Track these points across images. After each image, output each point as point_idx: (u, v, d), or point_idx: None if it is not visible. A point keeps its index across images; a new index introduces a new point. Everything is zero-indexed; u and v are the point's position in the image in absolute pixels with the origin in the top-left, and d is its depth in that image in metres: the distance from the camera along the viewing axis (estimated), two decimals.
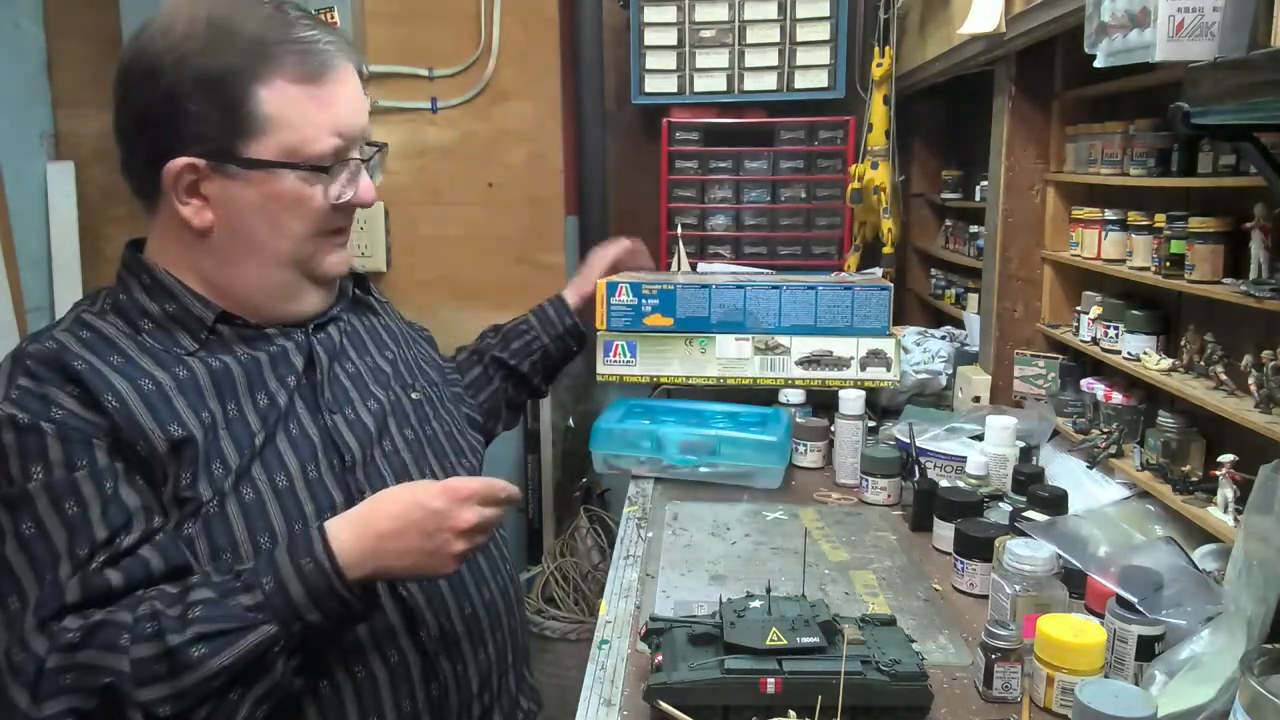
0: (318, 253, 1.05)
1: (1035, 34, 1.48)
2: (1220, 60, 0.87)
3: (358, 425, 1.06)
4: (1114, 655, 0.92)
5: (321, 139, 1.00)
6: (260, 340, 1.04)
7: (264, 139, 0.98)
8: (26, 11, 2.29)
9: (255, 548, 0.94)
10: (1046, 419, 1.52)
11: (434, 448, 1.14)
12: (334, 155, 1.02)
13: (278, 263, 1.03)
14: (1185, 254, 1.22)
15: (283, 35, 0.99)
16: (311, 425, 1.03)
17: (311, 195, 1.01)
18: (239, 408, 0.99)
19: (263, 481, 0.97)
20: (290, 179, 1.00)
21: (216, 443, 0.96)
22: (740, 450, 1.51)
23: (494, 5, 2.31)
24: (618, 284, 1.71)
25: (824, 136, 2.39)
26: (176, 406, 0.95)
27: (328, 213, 1.03)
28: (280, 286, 1.05)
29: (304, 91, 0.99)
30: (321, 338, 1.09)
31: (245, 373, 1.01)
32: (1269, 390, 1.06)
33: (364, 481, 1.03)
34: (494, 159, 2.38)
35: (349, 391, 1.09)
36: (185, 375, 0.97)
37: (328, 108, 1.00)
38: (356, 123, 1.04)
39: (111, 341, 0.98)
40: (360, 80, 1.07)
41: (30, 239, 2.27)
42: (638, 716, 0.90)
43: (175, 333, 1.01)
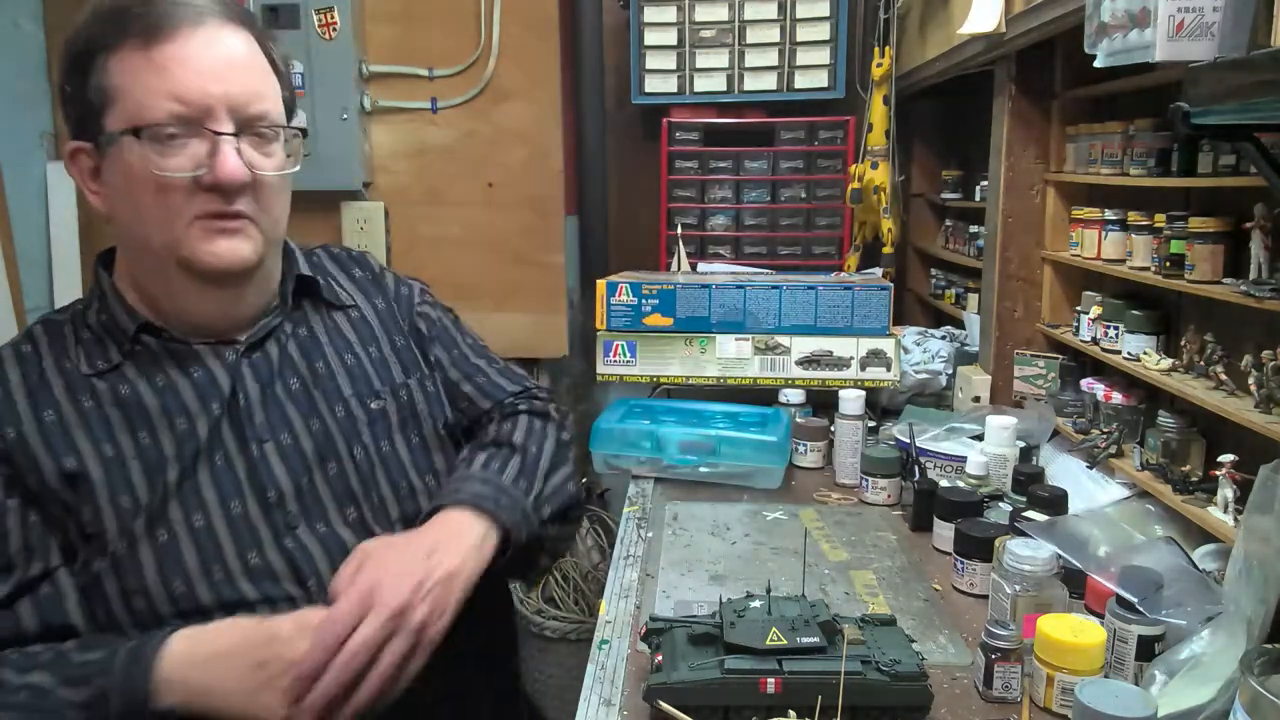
0: (188, 240, 0.94)
1: (1035, 34, 1.48)
2: (1220, 60, 0.87)
3: (292, 453, 1.00)
4: (1114, 655, 0.92)
5: (155, 104, 0.90)
6: (188, 359, 0.99)
7: (112, 111, 0.92)
8: (26, 11, 2.29)
9: (168, 592, 0.91)
10: (1046, 419, 1.52)
11: (390, 467, 1.05)
12: (175, 122, 0.91)
13: (153, 251, 0.96)
14: (1185, 254, 1.22)
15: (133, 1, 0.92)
16: (238, 456, 0.97)
17: (148, 167, 0.91)
18: (152, 436, 0.95)
19: (178, 521, 0.93)
20: (134, 151, 0.91)
21: (123, 476, 0.93)
22: (740, 450, 1.51)
23: (494, 5, 2.31)
24: (618, 284, 1.71)
25: (824, 136, 2.39)
26: (74, 438, 0.93)
27: (176, 187, 0.92)
28: (168, 283, 0.98)
29: (142, 56, 0.91)
30: (256, 358, 1.02)
31: (160, 398, 0.96)
32: (1269, 390, 1.06)
33: (297, 515, 0.98)
34: (494, 159, 2.38)
35: (287, 412, 1.02)
36: (90, 405, 0.95)
37: (162, 70, 0.91)
38: (206, 88, 0.92)
39: (39, 359, 0.98)
40: (254, 50, 0.97)
41: (30, 239, 2.27)
42: (638, 716, 0.90)
43: (106, 343, 0.98)
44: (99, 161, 0.96)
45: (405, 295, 1.20)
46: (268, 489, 0.97)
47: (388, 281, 1.20)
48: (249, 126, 0.95)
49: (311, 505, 0.99)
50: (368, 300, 1.16)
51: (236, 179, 0.93)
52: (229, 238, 0.95)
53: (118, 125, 0.92)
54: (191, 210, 0.93)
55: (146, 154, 0.91)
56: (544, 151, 2.37)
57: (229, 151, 0.92)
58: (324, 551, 0.98)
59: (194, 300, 0.99)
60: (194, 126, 0.92)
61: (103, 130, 0.93)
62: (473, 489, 1.01)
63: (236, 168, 0.92)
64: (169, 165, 0.91)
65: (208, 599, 0.92)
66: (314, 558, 0.97)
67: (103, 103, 0.93)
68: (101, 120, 0.93)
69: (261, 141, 0.97)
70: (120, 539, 0.91)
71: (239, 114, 0.94)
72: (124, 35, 0.92)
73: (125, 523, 0.92)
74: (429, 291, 1.25)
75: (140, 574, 0.91)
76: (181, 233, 0.94)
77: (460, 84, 2.36)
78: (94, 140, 0.95)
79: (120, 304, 0.99)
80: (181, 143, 0.92)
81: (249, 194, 0.96)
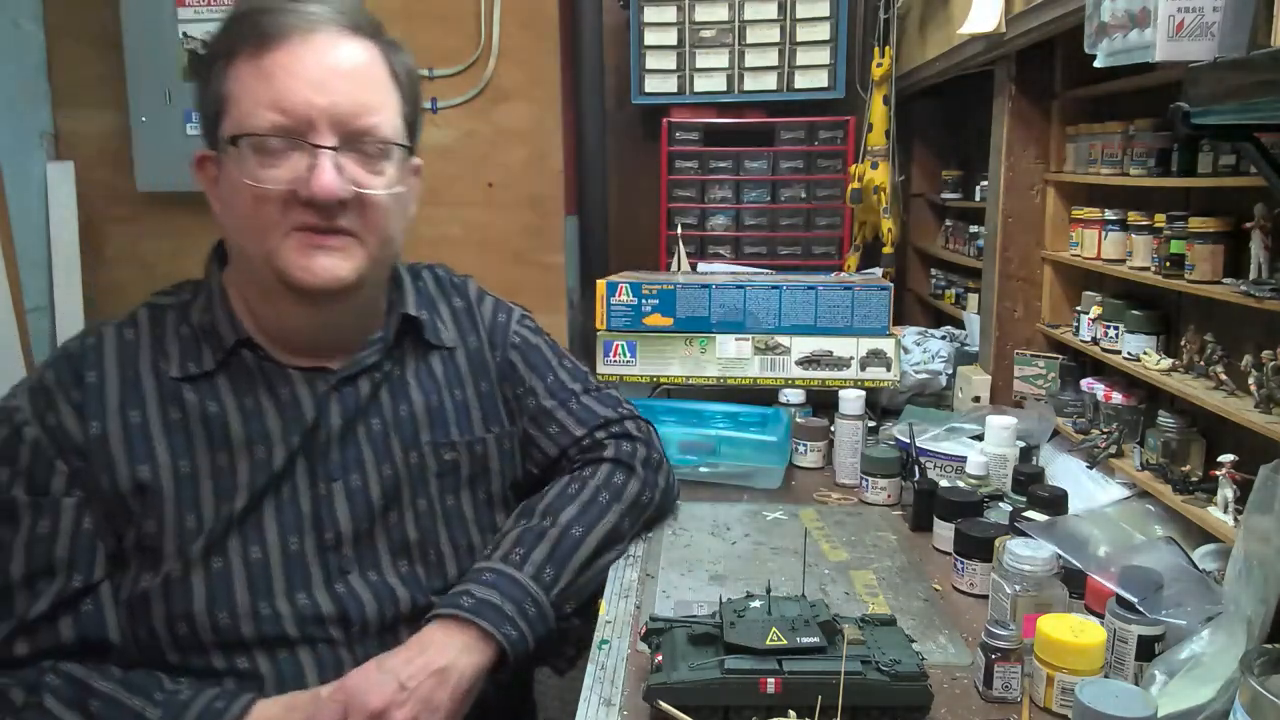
0: (284, 250, 0.91)
1: (1035, 34, 1.48)
2: (1220, 60, 0.87)
3: (359, 497, 0.98)
4: (1114, 655, 0.92)
5: (258, 113, 0.89)
6: (278, 381, 0.97)
7: (224, 119, 0.92)
8: (26, 11, 2.29)
9: (213, 622, 0.90)
10: (1046, 419, 1.52)
11: (451, 522, 1.03)
12: (277, 132, 0.89)
13: (253, 259, 0.94)
14: (1185, 254, 1.22)
15: (256, 6, 0.91)
16: (306, 492, 0.96)
17: (244, 177, 0.89)
18: (230, 460, 0.93)
19: (236, 551, 0.92)
20: (237, 160, 0.90)
21: (193, 495, 0.92)
22: (740, 450, 1.51)
23: (494, 5, 2.31)
24: (618, 284, 1.71)
25: (824, 136, 2.39)
26: (155, 447, 0.92)
27: (272, 198, 0.90)
28: (265, 295, 0.96)
29: (252, 64, 0.90)
30: (345, 392, 1.00)
31: (245, 423, 0.94)
32: (1269, 390, 1.06)
33: (351, 560, 0.97)
34: (494, 159, 2.38)
35: (362, 454, 0.99)
36: (177, 417, 0.93)
37: (268, 79, 0.89)
38: (309, 98, 0.89)
39: (137, 350, 0.96)
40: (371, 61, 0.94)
41: (30, 239, 2.27)
42: (638, 716, 0.90)
43: (202, 346, 0.96)
44: (218, 170, 0.95)
45: (502, 323, 1.16)
46: (326, 529, 0.96)
47: (485, 310, 1.16)
48: (353, 141, 0.91)
49: (366, 552, 0.98)
50: (462, 338, 1.12)
51: (331, 196, 0.89)
52: (327, 254, 0.91)
53: (227, 133, 0.91)
54: (289, 222, 0.90)
55: (247, 163, 0.89)
56: (544, 151, 2.37)
57: (327, 166, 0.89)
58: (374, 598, 0.97)
59: (289, 315, 0.97)
60: (295, 138, 0.89)
61: (217, 138, 0.92)
62: (480, 594, 0.96)
63: (332, 183, 0.89)
64: (266, 176, 0.89)
65: (250, 634, 0.92)
66: (363, 604, 0.96)
67: (218, 110, 0.92)
68: (217, 128, 0.92)
69: (368, 158, 0.93)
70: (176, 560, 0.90)
71: (343, 128, 0.90)
72: (240, 43, 0.90)
73: (184, 544, 0.90)
74: (529, 318, 1.20)
75: (189, 600, 0.90)
76: (277, 244, 0.91)
77: (460, 84, 2.36)
78: (214, 148, 0.94)
79: (224, 310, 0.97)
80: (282, 154, 0.89)
81: (353, 211, 0.92)
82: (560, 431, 1.14)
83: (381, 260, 0.99)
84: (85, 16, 2.32)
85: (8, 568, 0.88)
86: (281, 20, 0.90)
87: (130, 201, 2.37)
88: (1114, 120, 1.46)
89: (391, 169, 0.95)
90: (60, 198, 2.33)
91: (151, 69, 2.22)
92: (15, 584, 0.87)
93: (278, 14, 0.91)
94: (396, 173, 0.96)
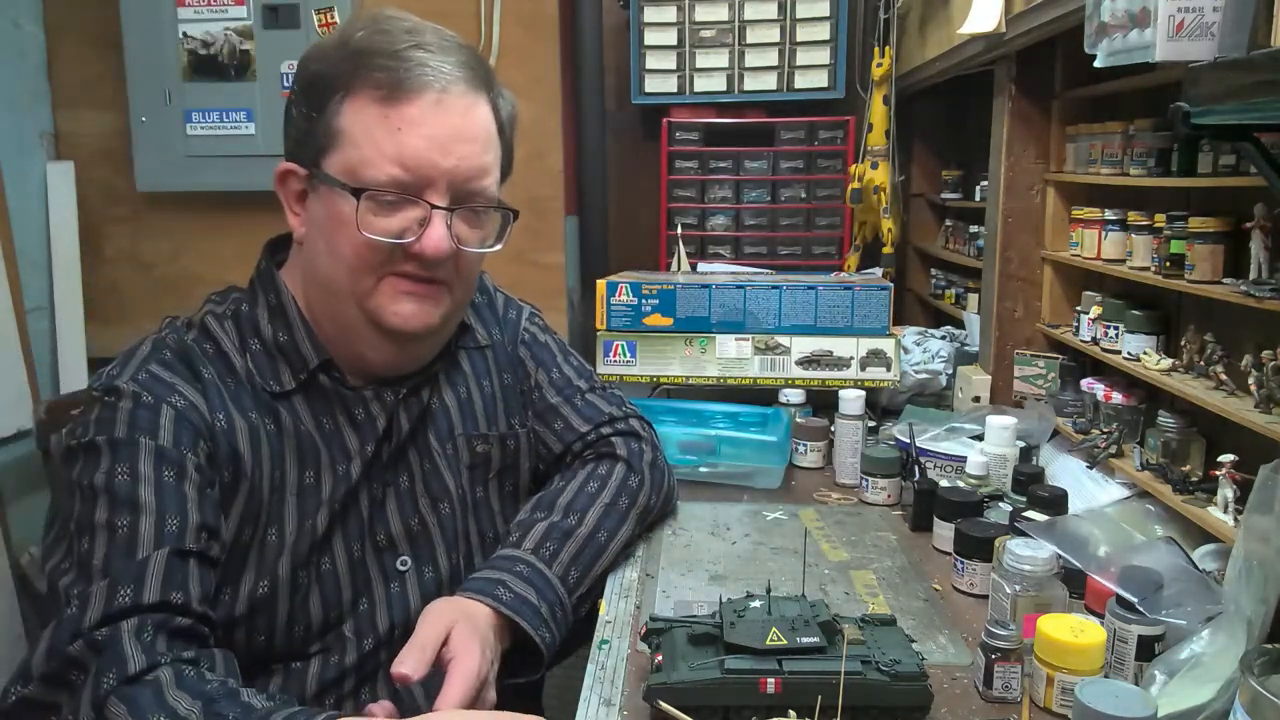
0: (377, 294, 0.94)
1: (1035, 34, 1.48)
2: (1220, 60, 0.87)
3: (406, 496, 1.01)
4: (1114, 655, 0.92)
5: (378, 164, 0.90)
6: (354, 403, 0.98)
7: (335, 154, 0.92)
8: (26, 11, 2.29)
9: (290, 635, 0.91)
10: (1046, 419, 1.52)
11: (480, 514, 1.06)
12: (396, 187, 0.90)
13: (338, 293, 0.95)
14: (1185, 254, 1.22)
15: (383, 48, 0.90)
16: (365, 498, 0.98)
17: (354, 221, 0.90)
18: (316, 478, 0.95)
19: (314, 565, 0.94)
20: (348, 201, 0.90)
21: (279, 508, 0.93)
22: (740, 450, 1.51)
23: (494, 5, 2.31)
24: (618, 284, 1.71)
25: (824, 136, 2.39)
26: (261, 453, 0.92)
27: (379, 248, 0.92)
28: (347, 326, 0.97)
29: (378, 111, 0.90)
30: (412, 403, 1.02)
31: (328, 443, 0.96)
32: (1269, 390, 1.06)
33: (407, 559, 0.99)
34: None
35: (409, 453, 1.02)
36: (272, 429, 0.94)
37: (395, 132, 0.89)
38: (434, 160, 0.90)
39: (230, 363, 0.95)
40: (489, 120, 0.96)
41: (30, 239, 2.27)
42: (638, 716, 0.90)
43: (278, 363, 0.96)
44: (307, 188, 0.95)
45: (512, 319, 1.18)
46: (379, 532, 0.98)
47: (499, 304, 1.18)
48: (464, 201, 0.94)
49: (422, 549, 0.99)
50: (486, 330, 1.14)
51: (441, 255, 0.92)
52: (418, 302, 0.94)
53: (338, 170, 0.91)
54: (384, 265, 0.92)
55: (359, 210, 0.90)
56: (544, 151, 2.37)
57: (440, 226, 0.92)
58: (421, 602, 0.98)
59: (368, 348, 0.98)
60: (413, 194, 0.91)
61: (320, 166, 0.92)
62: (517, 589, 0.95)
63: (442, 242, 0.91)
64: (378, 227, 0.91)
65: (315, 645, 0.94)
66: (409, 608, 0.98)
67: (328, 142, 0.92)
68: (323, 157, 0.92)
69: (473, 216, 0.95)
70: (260, 573, 0.91)
71: (458, 189, 0.93)
72: (364, 84, 0.90)
73: (267, 557, 0.91)
74: (539, 315, 1.23)
75: (272, 619, 0.91)
76: (371, 286, 0.93)
77: None
78: (309, 169, 0.94)
79: (306, 331, 0.97)
80: (396, 207, 0.91)
81: (450, 264, 0.95)
82: (565, 428, 1.15)
83: (463, 305, 1.02)
84: (85, 16, 2.32)
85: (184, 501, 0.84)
86: (416, 74, 0.90)
87: (130, 201, 2.36)
88: (1114, 120, 1.46)
89: (490, 225, 0.99)
90: (60, 198, 2.32)
91: (151, 69, 2.21)
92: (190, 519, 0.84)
93: (411, 65, 0.90)
94: (492, 229, 0.99)
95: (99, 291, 2.38)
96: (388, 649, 0.96)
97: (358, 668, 0.96)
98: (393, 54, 0.90)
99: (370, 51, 0.91)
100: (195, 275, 2.28)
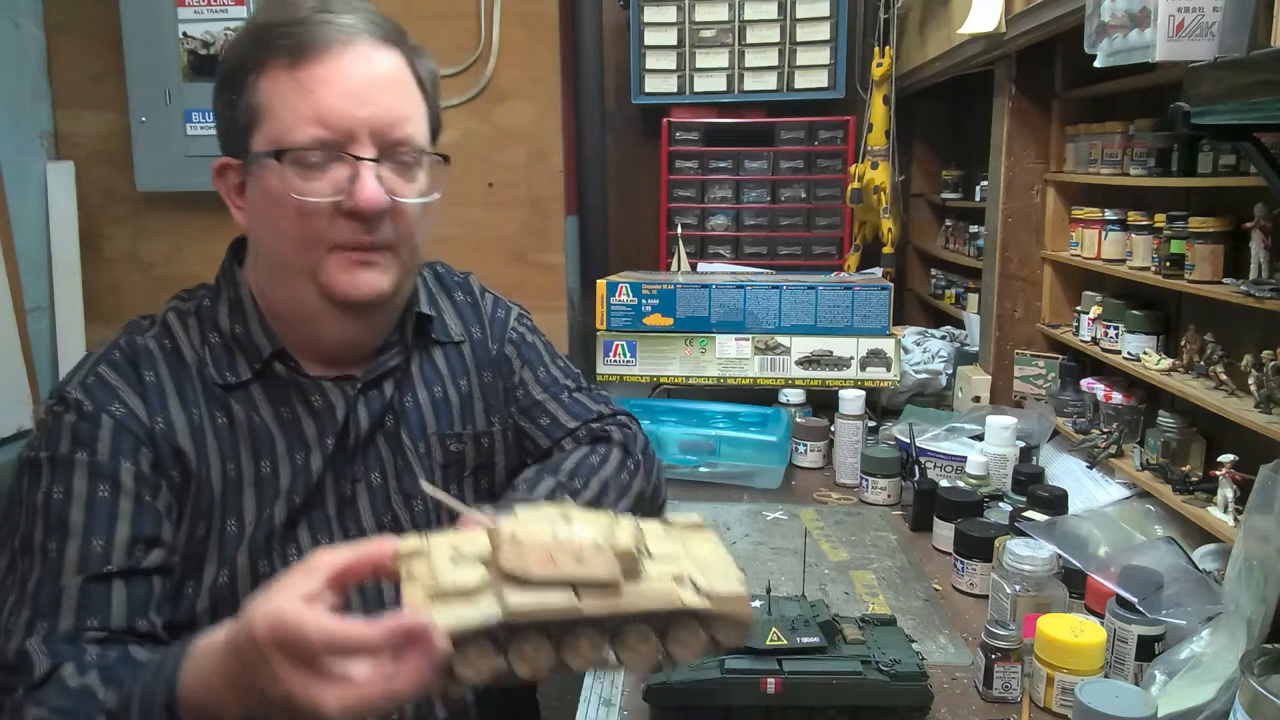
0: (326, 267, 0.93)
1: (1035, 34, 1.48)
2: (1220, 60, 0.87)
3: (379, 494, 1.00)
4: (1114, 655, 0.92)
5: (299, 127, 0.89)
6: (311, 390, 0.98)
7: (258, 132, 0.92)
8: (26, 11, 2.29)
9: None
10: (1046, 419, 1.52)
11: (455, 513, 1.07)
12: (318, 146, 0.89)
13: (291, 273, 0.95)
14: (1185, 254, 1.22)
15: (285, 17, 0.91)
16: (332, 496, 0.98)
17: (288, 191, 0.89)
18: (273, 467, 0.95)
19: (278, 557, 0.93)
20: (276, 173, 0.90)
21: (237, 500, 0.93)
22: (740, 450, 1.51)
23: (494, 5, 2.31)
24: (618, 284, 1.71)
25: (824, 136, 2.39)
26: (207, 447, 0.92)
27: (317, 214, 0.91)
28: (302, 305, 0.96)
29: (288, 76, 0.89)
30: (371, 395, 1.01)
31: (284, 432, 0.96)
32: (1269, 390, 1.06)
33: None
34: (494, 159, 2.38)
35: (381, 450, 1.01)
36: (224, 422, 0.94)
37: (307, 92, 0.89)
38: (350, 111, 0.89)
39: (183, 359, 0.96)
40: (402, 70, 0.94)
41: (30, 239, 2.27)
42: (638, 716, 0.90)
43: (235, 355, 0.97)
44: (244, 179, 0.95)
45: (501, 319, 1.17)
46: (351, 530, 0.97)
47: (486, 305, 1.18)
48: (391, 152, 0.93)
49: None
50: (467, 330, 1.13)
51: (376, 205, 0.90)
52: (368, 269, 0.94)
53: (262, 146, 0.91)
54: (332, 237, 0.92)
55: (288, 177, 0.90)
56: (544, 151, 2.37)
57: (369, 177, 0.90)
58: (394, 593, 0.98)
59: (325, 325, 0.97)
60: (336, 151, 0.90)
61: (249, 149, 0.92)
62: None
63: (376, 194, 0.90)
64: (310, 190, 0.90)
65: None
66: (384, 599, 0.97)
67: (249, 122, 0.92)
68: (248, 139, 0.92)
69: (404, 168, 0.94)
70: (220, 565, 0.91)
71: (382, 139, 0.92)
72: (272, 54, 0.90)
73: (226, 549, 0.91)
74: (528, 317, 1.22)
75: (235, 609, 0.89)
76: (320, 259, 0.92)
77: (460, 84, 2.36)
78: (240, 158, 0.94)
79: (259, 320, 0.97)
80: (324, 167, 0.90)
81: (389, 221, 0.94)
82: (552, 424, 1.15)
83: (412, 268, 1.00)
84: (85, 16, 2.32)
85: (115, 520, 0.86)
86: (318, 31, 0.90)
87: (130, 201, 2.36)
88: (1114, 120, 1.46)
89: (424, 176, 0.97)
90: (60, 198, 2.32)
91: (151, 69, 2.21)
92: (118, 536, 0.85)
93: (312, 25, 0.90)
94: (429, 181, 0.97)
95: (99, 291, 2.38)
96: None
97: None
98: (295, 21, 0.90)
99: (272, 24, 0.91)
100: (195, 275, 2.26)
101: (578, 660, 0.66)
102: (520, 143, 2.37)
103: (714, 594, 0.65)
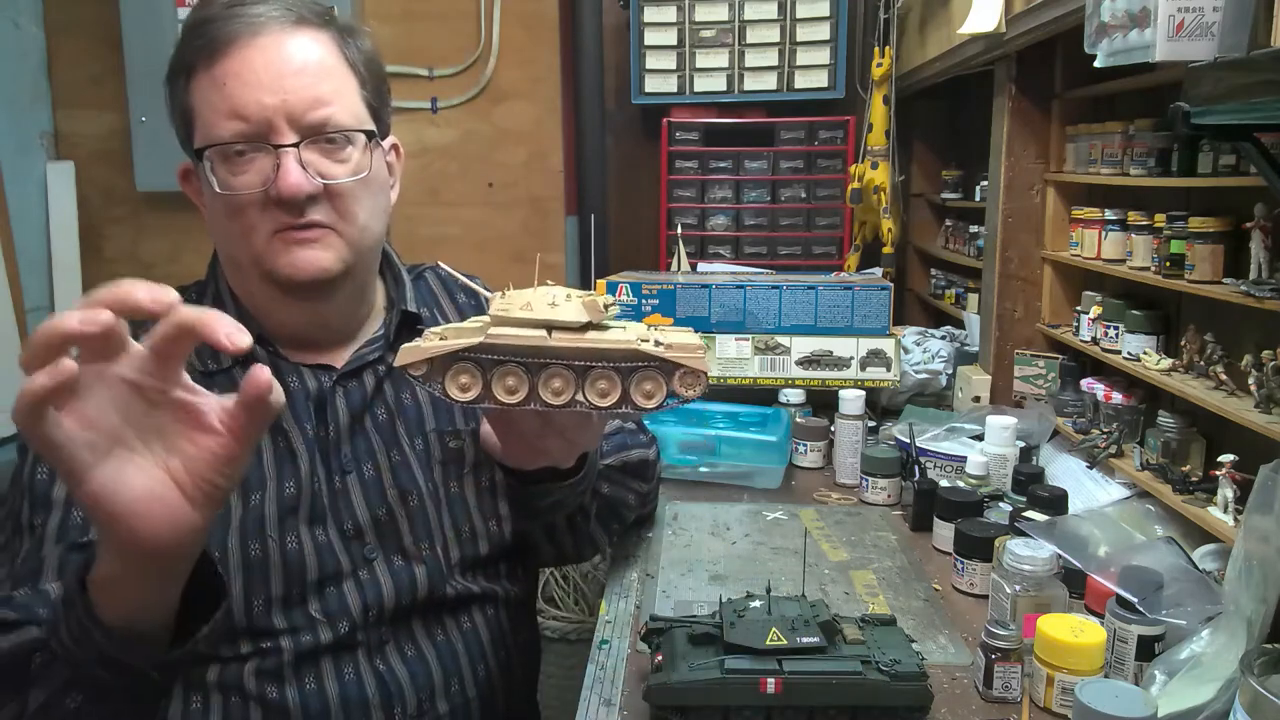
0: (269, 253, 0.94)
1: (1035, 34, 1.48)
2: (1220, 60, 0.87)
3: (373, 486, 1.00)
4: (1114, 655, 0.92)
5: (219, 123, 0.91)
6: (289, 374, 0.99)
7: (195, 132, 0.94)
8: (26, 11, 2.29)
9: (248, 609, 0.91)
10: (1046, 419, 1.52)
11: (454, 509, 1.04)
12: (240, 139, 0.91)
13: (238, 264, 0.97)
14: (1185, 254, 1.22)
15: (203, 16, 0.93)
16: (324, 487, 0.98)
17: (218, 186, 0.92)
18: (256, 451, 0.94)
19: (273, 541, 0.94)
20: (209, 170, 0.92)
21: None
22: (740, 450, 1.51)
23: (494, 5, 2.31)
24: (618, 284, 1.71)
25: (824, 136, 2.39)
26: None
27: (248, 205, 0.92)
28: (259, 297, 0.99)
29: (207, 75, 0.92)
30: (351, 387, 1.01)
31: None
32: (1269, 390, 1.06)
33: (375, 547, 0.98)
34: (494, 159, 2.38)
35: (372, 443, 1.01)
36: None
37: (221, 88, 0.91)
38: (261, 100, 0.90)
39: None
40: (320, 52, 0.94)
41: (30, 239, 2.27)
42: (638, 716, 0.90)
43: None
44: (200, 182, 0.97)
45: None
46: (345, 521, 0.98)
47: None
48: (312, 135, 0.93)
49: (389, 538, 0.99)
50: None
51: (298, 192, 0.91)
52: (306, 248, 0.94)
53: (198, 145, 0.94)
54: (267, 225, 0.93)
55: (219, 173, 0.92)
56: (544, 151, 2.37)
57: (290, 165, 0.91)
58: (393, 586, 0.98)
59: (283, 311, 0.99)
60: (256, 141, 0.91)
61: (192, 151, 0.95)
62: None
63: (297, 180, 0.91)
64: (236, 183, 0.92)
65: (281, 624, 0.93)
66: (382, 592, 0.98)
67: (188, 125, 0.95)
68: (191, 142, 0.95)
69: (331, 148, 0.94)
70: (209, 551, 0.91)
71: (299, 123, 0.92)
72: (194, 56, 0.92)
73: (216, 534, 0.91)
74: None
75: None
76: (262, 248, 0.93)
77: (460, 84, 2.36)
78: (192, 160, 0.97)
79: (236, 308, 0.99)
80: (249, 159, 0.91)
81: (323, 203, 0.94)
82: None
83: (364, 247, 0.99)
84: (85, 16, 2.32)
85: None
86: (228, 28, 0.91)
87: (130, 201, 2.37)
88: (1114, 120, 1.46)
89: (356, 155, 0.96)
90: (60, 198, 2.33)
91: (151, 69, 2.20)
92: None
93: (224, 21, 0.92)
94: (362, 158, 0.97)
95: None
96: (364, 630, 0.96)
97: (333, 647, 0.96)
98: (209, 19, 0.92)
99: (193, 25, 0.93)
100: (195, 275, 2.27)
101: (550, 395, 0.80)
102: (520, 143, 2.38)
103: (671, 344, 0.80)
